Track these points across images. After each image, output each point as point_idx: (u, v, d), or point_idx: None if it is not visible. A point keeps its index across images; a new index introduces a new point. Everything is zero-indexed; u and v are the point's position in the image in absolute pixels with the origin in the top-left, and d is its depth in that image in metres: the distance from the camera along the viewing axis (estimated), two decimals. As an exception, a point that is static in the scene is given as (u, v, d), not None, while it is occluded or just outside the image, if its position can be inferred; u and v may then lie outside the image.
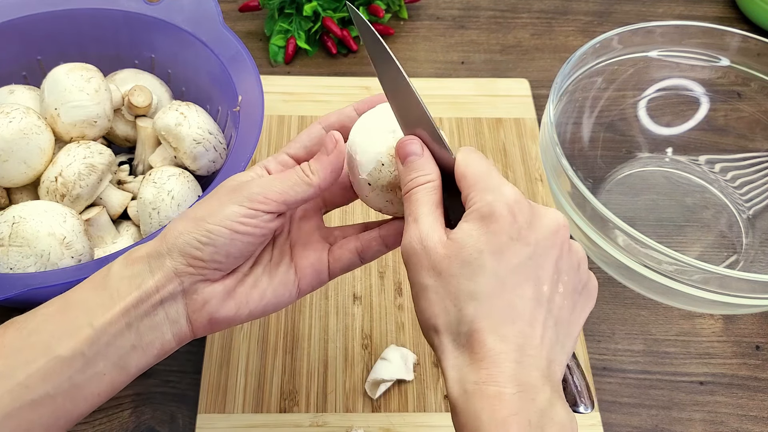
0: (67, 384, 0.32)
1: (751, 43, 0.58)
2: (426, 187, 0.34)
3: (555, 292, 0.32)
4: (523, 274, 0.32)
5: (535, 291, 0.32)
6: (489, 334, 0.30)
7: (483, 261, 0.31)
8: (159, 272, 0.34)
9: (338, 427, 0.50)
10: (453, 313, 0.31)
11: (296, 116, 0.68)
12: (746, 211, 0.62)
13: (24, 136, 0.49)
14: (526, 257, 0.32)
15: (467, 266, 0.31)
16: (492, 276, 0.31)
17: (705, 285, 0.46)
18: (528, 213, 0.33)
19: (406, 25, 0.81)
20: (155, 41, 0.59)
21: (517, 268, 0.31)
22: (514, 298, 0.31)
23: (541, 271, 0.32)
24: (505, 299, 0.31)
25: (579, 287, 0.34)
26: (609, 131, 0.64)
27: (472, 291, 0.31)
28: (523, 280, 0.31)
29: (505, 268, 0.31)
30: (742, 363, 0.55)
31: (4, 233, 0.46)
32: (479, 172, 0.34)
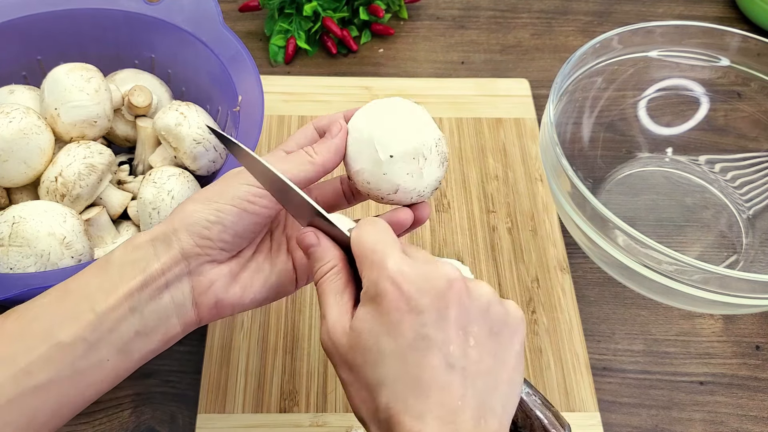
0: (70, 370, 0.32)
1: (751, 43, 0.58)
2: (328, 276, 0.34)
3: (466, 347, 0.31)
4: (423, 344, 0.30)
5: (440, 356, 0.30)
6: (404, 415, 0.29)
7: (381, 345, 0.31)
8: (165, 255, 0.34)
9: (338, 427, 0.50)
10: (370, 403, 0.31)
11: (296, 116, 0.68)
12: (746, 211, 0.62)
13: (24, 136, 0.49)
14: (420, 325, 0.30)
15: (369, 353, 0.31)
16: (392, 356, 0.30)
17: (705, 285, 0.46)
18: (414, 278, 0.31)
19: (406, 25, 0.81)
20: (155, 41, 0.59)
21: (415, 340, 0.30)
22: (420, 371, 0.30)
23: (441, 334, 0.31)
24: (412, 376, 0.30)
25: (495, 328, 0.32)
26: (609, 131, 0.64)
27: (378, 377, 0.30)
28: (425, 350, 0.30)
29: (403, 345, 0.30)
30: (742, 363, 0.55)
31: (4, 233, 0.46)
32: (367, 248, 0.33)
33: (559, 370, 0.53)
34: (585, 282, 0.59)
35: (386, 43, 0.78)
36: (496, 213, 0.62)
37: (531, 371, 0.53)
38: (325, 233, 0.36)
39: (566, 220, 0.53)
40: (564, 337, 0.54)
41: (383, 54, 0.77)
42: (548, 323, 0.55)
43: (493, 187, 0.64)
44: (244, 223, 0.36)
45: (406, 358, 0.30)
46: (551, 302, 0.56)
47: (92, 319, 0.33)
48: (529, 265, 0.58)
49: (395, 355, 0.30)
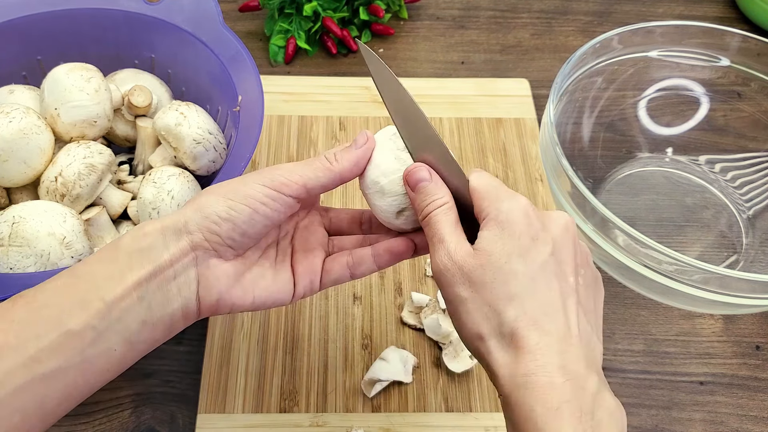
0: (79, 358, 0.32)
1: (751, 43, 0.58)
2: (442, 209, 0.36)
3: (578, 283, 0.35)
4: (550, 270, 0.34)
5: (562, 284, 0.34)
6: (531, 330, 0.32)
7: (512, 264, 0.33)
8: (174, 245, 0.35)
9: (338, 427, 0.50)
10: (494, 318, 0.33)
11: (296, 116, 0.68)
12: (746, 211, 0.62)
13: (24, 136, 0.49)
14: (548, 254, 0.34)
15: (499, 272, 0.33)
16: (523, 276, 0.33)
17: (705, 285, 0.46)
18: (540, 215, 0.35)
19: (406, 25, 0.81)
20: (155, 41, 0.59)
21: (543, 265, 0.34)
22: (547, 293, 0.33)
23: (564, 265, 0.34)
24: (540, 296, 0.33)
25: (592, 280, 0.36)
26: (609, 131, 0.64)
27: (509, 294, 0.33)
28: (551, 275, 0.34)
29: (533, 267, 0.33)
30: (742, 363, 0.55)
31: (4, 233, 0.46)
32: (491, 186, 0.36)
33: (559, 370, 0.53)
34: (585, 282, 0.59)
35: (386, 43, 0.78)
36: (496, 213, 0.62)
37: (531, 371, 0.53)
38: None
39: (566, 220, 0.53)
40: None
41: (383, 54, 0.77)
42: (548, 323, 0.55)
43: (493, 187, 0.64)
44: (255, 223, 0.36)
45: (536, 279, 0.33)
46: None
47: (101, 308, 0.33)
48: (529, 265, 0.58)
49: (526, 275, 0.33)
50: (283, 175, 0.36)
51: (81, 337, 0.32)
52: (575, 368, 0.32)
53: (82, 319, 0.32)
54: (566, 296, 0.34)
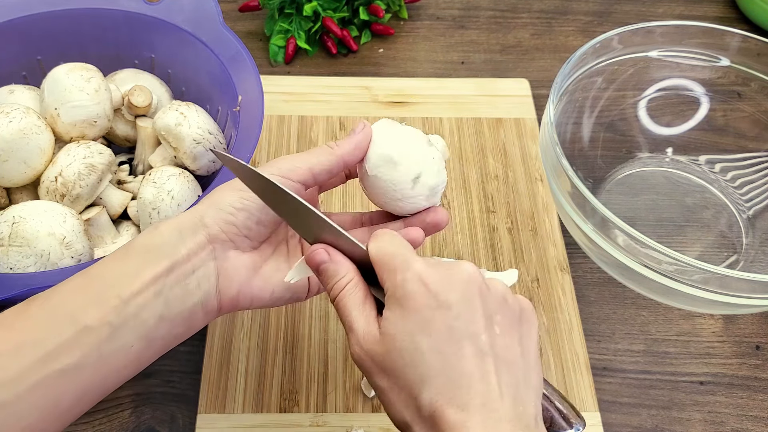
0: (96, 354, 0.32)
1: (751, 43, 0.58)
2: (347, 290, 0.35)
3: (494, 336, 0.32)
4: (458, 335, 0.31)
5: (474, 347, 0.31)
6: (449, 408, 0.30)
7: (417, 343, 0.31)
8: (191, 240, 0.35)
9: (338, 427, 0.50)
10: (411, 404, 0.32)
11: (296, 116, 0.68)
12: (746, 211, 0.62)
13: (24, 136, 0.49)
14: (453, 319, 0.32)
15: (406, 354, 0.32)
16: (430, 353, 0.31)
17: (705, 285, 0.46)
18: (437, 277, 0.33)
19: (406, 25, 0.81)
20: (155, 41, 0.59)
21: (449, 333, 0.31)
22: (458, 363, 0.31)
23: (472, 325, 0.32)
24: (452, 368, 0.31)
25: (514, 319, 0.34)
26: (609, 131, 0.64)
27: (421, 375, 0.31)
28: (460, 341, 0.31)
29: (439, 340, 0.31)
30: (742, 363, 0.55)
31: (4, 233, 0.46)
32: (387, 254, 0.34)
33: (559, 370, 0.53)
34: (585, 282, 0.59)
35: (386, 43, 0.78)
36: (496, 213, 0.62)
37: (531, 371, 0.53)
38: (334, 248, 0.36)
39: (566, 220, 0.53)
40: (564, 337, 0.54)
41: (383, 54, 0.77)
42: (548, 323, 0.55)
43: (493, 187, 0.64)
44: (268, 211, 0.37)
45: (444, 351, 0.31)
46: (551, 302, 0.56)
47: (117, 304, 0.33)
48: (529, 265, 0.58)
49: (433, 351, 0.31)
50: (289, 163, 0.37)
51: (97, 333, 0.32)
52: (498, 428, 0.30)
53: (98, 316, 0.32)
54: (481, 358, 0.31)
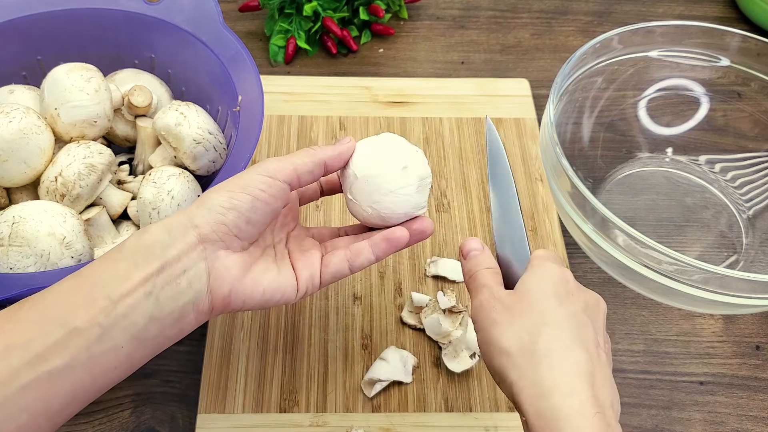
0: (86, 355, 0.32)
1: (751, 43, 0.58)
2: (489, 271, 0.41)
3: (600, 348, 0.37)
4: (580, 320, 0.37)
5: (589, 332, 0.37)
6: (565, 353, 0.35)
7: (549, 301, 0.37)
8: (181, 241, 0.35)
9: (338, 426, 0.50)
10: (526, 338, 0.36)
11: (296, 116, 0.68)
12: (746, 211, 0.62)
13: (24, 136, 0.49)
14: (580, 309, 0.37)
15: (536, 304, 0.37)
16: (557, 312, 0.37)
17: (705, 285, 0.46)
18: (576, 284, 0.40)
19: (406, 25, 0.81)
20: (155, 41, 0.59)
21: (574, 315, 0.37)
22: (576, 331, 0.36)
23: (594, 324, 0.38)
24: (569, 330, 0.36)
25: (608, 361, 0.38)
26: (609, 131, 0.64)
27: (543, 321, 0.36)
28: (581, 324, 0.37)
29: (566, 312, 0.37)
30: (742, 363, 0.55)
31: (4, 233, 0.46)
32: (547, 254, 0.41)
33: (559, 370, 0.53)
34: (585, 282, 0.59)
35: (386, 43, 0.78)
36: (496, 213, 0.62)
37: (531, 371, 0.53)
38: None
39: (566, 220, 0.53)
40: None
41: (383, 54, 0.77)
42: (548, 323, 0.55)
43: (493, 187, 0.64)
44: (256, 209, 0.37)
45: (566, 321, 0.36)
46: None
47: (107, 305, 0.33)
48: (529, 265, 0.58)
49: (559, 313, 0.37)
50: (274, 164, 0.39)
51: (87, 335, 0.32)
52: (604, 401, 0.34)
53: (88, 317, 0.32)
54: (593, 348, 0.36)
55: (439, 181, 0.64)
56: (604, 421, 0.33)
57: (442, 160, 0.66)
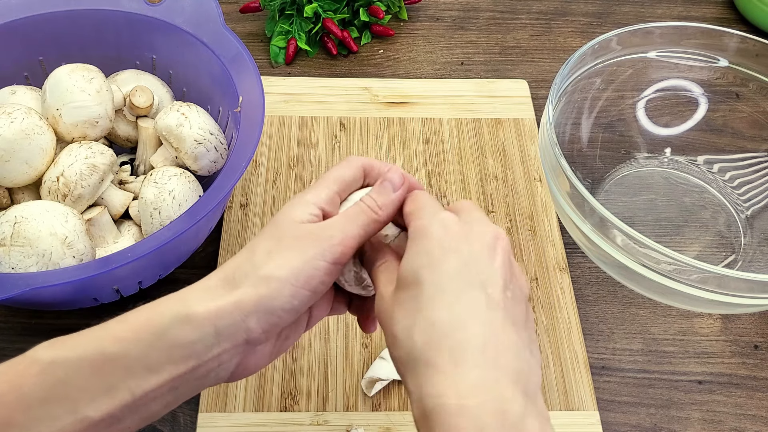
0: None
1: (749, 43, 0.58)
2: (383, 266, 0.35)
3: (505, 297, 0.31)
4: (463, 279, 0.30)
5: (480, 294, 0.30)
6: (443, 344, 0.29)
7: (419, 276, 0.31)
8: (227, 341, 0.31)
9: (338, 425, 0.50)
10: (406, 339, 0.30)
11: (297, 117, 0.69)
12: (745, 211, 0.62)
13: (26, 137, 0.49)
14: (461, 264, 0.31)
15: (409, 287, 0.31)
16: (431, 286, 0.30)
17: (703, 285, 0.46)
18: (463, 229, 0.32)
19: (406, 26, 0.81)
20: (156, 42, 0.60)
21: (454, 275, 0.30)
22: (461, 302, 0.30)
23: (482, 276, 0.31)
24: (452, 305, 0.30)
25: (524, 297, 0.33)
26: (608, 132, 0.64)
27: (418, 306, 0.30)
28: (465, 284, 0.30)
29: (442, 277, 0.30)
30: (741, 362, 0.55)
31: (5, 233, 0.46)
32: (419, 206, 0.34)
33: (558, 370, 0.53)
34: (584, 281, 0.59)
35: (386, 44, 0.79)
36: (496, 213, 0.62)
37: (530, 370, 0.53)
38: None
39: (565, 220, 0.53)
40: (563, 337, 0.55)
41: (383, 55, 0.77)
42: (547, 322, 0.55)
43: (493, 187, 0.64)
44: (307, 304, 0.33)
45: (445, 289, 0.30)
46: (550, 302, 0.57)
47: (127, 400, 0.30)
48: (528, 265, 0.59)
49: (433, 285, 0.30)
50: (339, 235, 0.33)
51: (97, 425, 0.30)
52: (494, 386, 0.27)
53: (104, 409, 0.29)
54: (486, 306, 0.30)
55: (439, 181, 0.64)
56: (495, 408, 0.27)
57: (441, 161, 0.66)
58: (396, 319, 0.31)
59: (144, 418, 0.31)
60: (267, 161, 0.65)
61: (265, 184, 0.63)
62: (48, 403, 0.29)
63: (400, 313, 0.31)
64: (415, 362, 0.29)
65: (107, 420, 0.30)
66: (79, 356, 0.30)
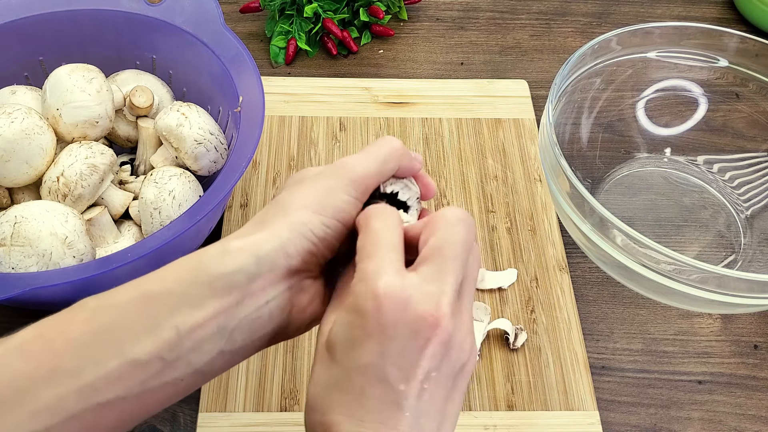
0: (140, 389, 0.29)
1: (749, 43, 0.58)
2: None
3: (419, 389, 0.29)
4: (371, 372, 0.29)
5: (385, 390, 0.29)
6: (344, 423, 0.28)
7: (335, 352, 0.30)
8: (269, 271, 0.30)
9: (338, 425, 0.50)
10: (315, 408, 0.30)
11: (297, 117, 0.69)
12: (744, 211, 0.62)
13: (26, 137, 0.49)
14: (375, 354, 0.29)
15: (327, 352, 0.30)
16: (341, 367, 0.29)
17: (703, 284, 0.46)
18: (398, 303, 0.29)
19: (406, 26, 0.81)
20: (156, 42, 0.60)
21: (364, 366, 0.29)
22: (363, 395, 0.29)
23: (393, 369, 0.29)
24: (355, 395, 0.29)
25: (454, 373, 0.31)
26: (608, 132, 0.64)
27: (327, 380, 0.30)
28: (371, 378, 0.29)
29: (353, 364, 0.29)
30: (741, 362, 0.55)
31: (6, 233, 0.46)
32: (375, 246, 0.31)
33: (558, 370, 0.53)
34: (584, 281, 0.59)
35: (386, 44, 0.79)
36: (496, 213, 0.62)
37: (530, 370, 0.53)
38: None
39: (565, 220, 0.53)
40: (563, 337, 0.55)
41: (383, 55, 0.77)
42: (547, 322, 0.55)
43: (493, 187, 0.64)
44: (341, 235, 0.33)
45: (351, 376, 0.29)
46: (550, 302, 0.57)
47: (172, 337, 0.29)
48: (528, 265, 0.59)
49: (343, 367, 0.29)
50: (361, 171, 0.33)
51: (146, 368, 0.29)
52: None
53: (149, 349, 0.29)
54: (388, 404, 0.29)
55: (439, 181, 0.64)
56: None
57: (441, 161, 0.66)
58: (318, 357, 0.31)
59: (197, 370, 0.30)
60: (267, 161, 0.65)
61: (265, 184, 0.63)
62: (94, 347, 0.29)
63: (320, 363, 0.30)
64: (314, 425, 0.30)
65: (155, 363, 0.29)
66: (124, 300, 0.30)
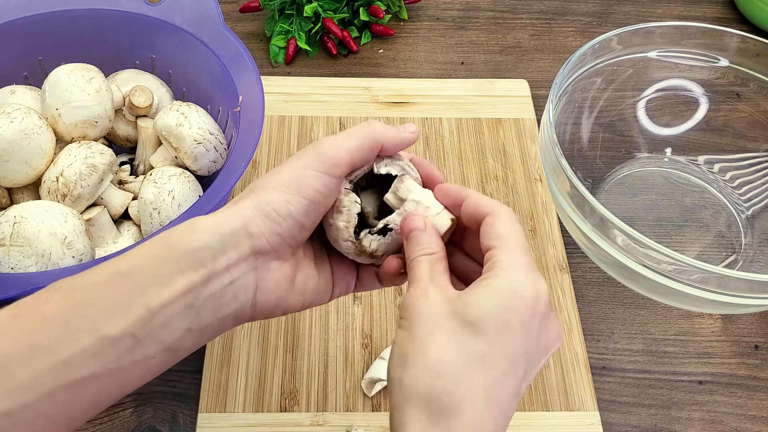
0: (114, 365, 0.30)
1: (749, 43, 0.58)
2: (429, 258, 0.34)
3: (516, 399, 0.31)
4: (516, 365, 0.30)
5: (516, 387, 0.31)
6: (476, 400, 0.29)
7: (485, 328, 0.30)
8: (233, 250, 0.32)
9: (338, 426, 0.50)
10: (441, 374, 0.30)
11: (296, 117, 0.68)
12: (745, 211, 0.62)
13: (25, 137, 0.49)
14: (524, 351, 0.31)
15: (471, 324, 0.30)
16: (489, 344, 0.30)
17: (704, 285, 0.46)
18: (544, 314, 0.32)
19: (406, 25, 0.81)
20: (156, 42, 0.60)
21: (514, 356, 0.30)
22: (501, 385, 0.30)
23: (529, 370, 0.31)
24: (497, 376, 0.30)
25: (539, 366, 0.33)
26: (608, 131, 0.64)
27: (468, 352, 0.30)
28: (512, 371, 0.30)
29: (504, 350, 0.30)
30: (741, 362, 0.55)
31: (5, 233, 0.46)
32: (514, 241, 0.34)
33: (559, 370, 0.53)
34: (584, 282, 0.59)
35: (386, 44, 0.79)
36: (496, 213, 0.62)
37: (530, 371, 0.53)
38: None
39: (565, 220, 0.53)
40: (563, 337, 0.55)
41: (383, 54, 0.77)
42: (548, 323, 0.55)
43: (493, 187, 0.64)
44: (310, 213, 0.34)
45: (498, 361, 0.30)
46: (550, 302, 0.56)
47: (143, 314, 0.30)
48: (529, 265, 0.59)
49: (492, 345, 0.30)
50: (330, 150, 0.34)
51: (118, 345, 0.30)
52: None
53: (121, 326, 0.30)
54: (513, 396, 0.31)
55: (439, 181, 0.64)
56: None
57: (441, 161, 0.66)
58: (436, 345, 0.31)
59: (167, 347, 0.31)
60: (267, 161, 0.65)
61: (264, 184, 0.63)
62: (69, 325, 0.29)
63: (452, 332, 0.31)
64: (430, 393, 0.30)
65: (127, 340, 0.30)
66: (98, 279, 0.31)
